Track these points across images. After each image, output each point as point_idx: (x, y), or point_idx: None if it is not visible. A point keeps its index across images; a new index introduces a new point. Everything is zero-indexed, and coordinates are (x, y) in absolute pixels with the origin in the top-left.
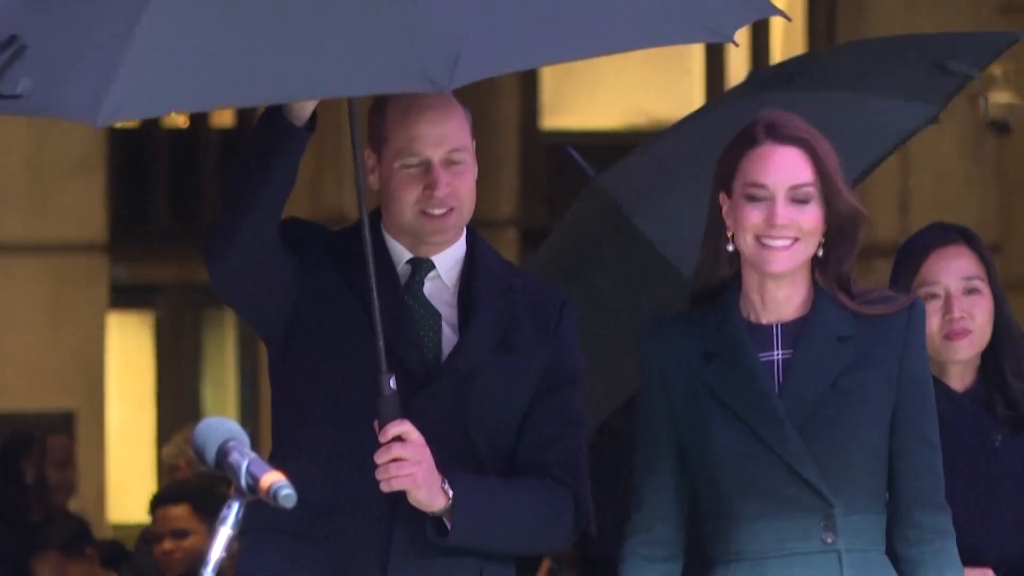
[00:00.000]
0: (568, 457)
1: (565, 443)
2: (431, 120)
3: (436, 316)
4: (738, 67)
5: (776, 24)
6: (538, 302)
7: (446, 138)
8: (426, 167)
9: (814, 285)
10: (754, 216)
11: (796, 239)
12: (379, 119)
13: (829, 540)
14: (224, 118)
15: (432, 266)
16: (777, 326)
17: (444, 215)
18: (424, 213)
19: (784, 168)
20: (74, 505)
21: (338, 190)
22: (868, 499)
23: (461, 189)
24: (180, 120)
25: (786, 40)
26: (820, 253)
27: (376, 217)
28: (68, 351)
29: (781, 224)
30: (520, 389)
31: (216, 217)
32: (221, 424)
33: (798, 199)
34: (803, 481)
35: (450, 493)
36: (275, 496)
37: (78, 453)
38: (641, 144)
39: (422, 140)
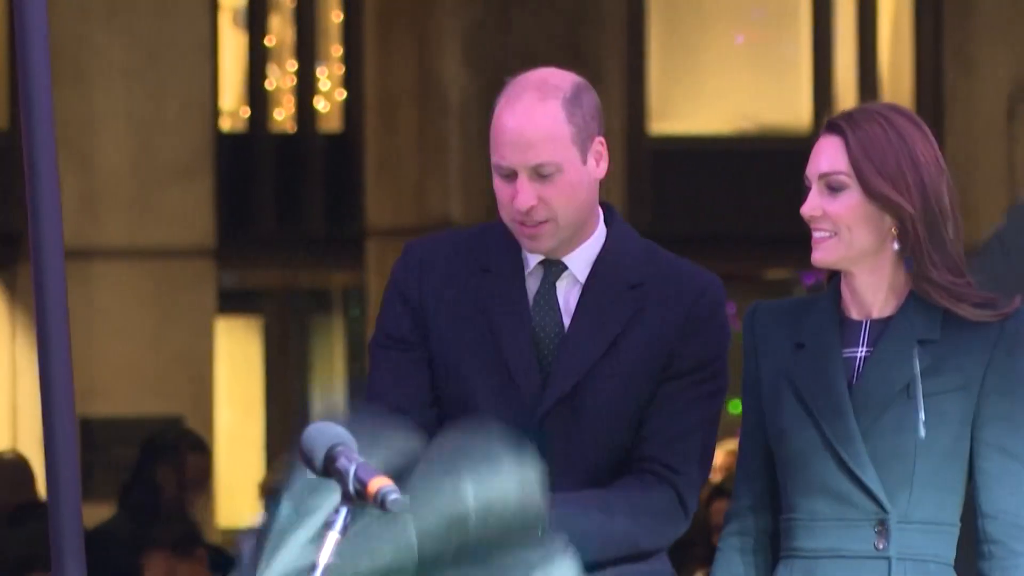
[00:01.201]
0: (674, 448)
1: (672, 432)
2: (517, 128)
3: (559, 327)
4: (846, 72)
5: (883, 26)
6: (672, 291)
7: (530, 150)
8: (512, 176)
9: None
10: (803, 206)
11: (834, 232)
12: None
13: (880, 546)
14: (331, 123)
15: (565, 267)
16: (866, 322)
17: (536, 226)
18: (517, 222)
19: (818, 156)
20: None
21: (444, 196)
22: (932, 509)
23: (554, 200)
24: (287, 124)
25: (893, 44)
26: (895, 246)
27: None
28: (174, 356)
29: (809, 214)
30: (631, 391)
31: None
32: (329, 429)
33: (831, 187)
34: (859, 483)
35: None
36: (383, 501)
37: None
38: None
39: (507, 148)
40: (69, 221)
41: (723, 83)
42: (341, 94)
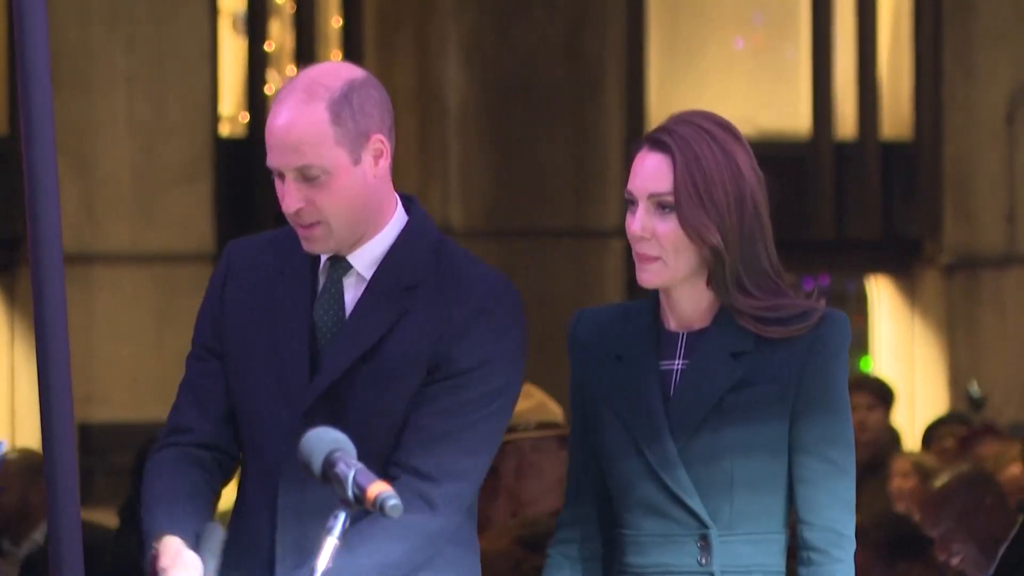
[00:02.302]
0: (427, 452)
1: (425, 437)
2: (281, 130)
3: (341, 326)
4: (846, 77)
5: (883, 31)
6: (444, 294)
7: (293, 153)
8: (283, 177)
9: None
10: (627, 224)
11: (660, 255)
12: None
13: (704, 561)
14: None
15: (350, 265)
16: (683, 334)
17: (308, 228)
18: (292, 223)
19: (645, 174)
20: None
21: (443, 201)
22: (755, 519)
23: (323, 203)
24: None
25: (893, 48)
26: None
27: None
28: (174, 361)
29: (640, 234)
30: (393, 394)
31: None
32: (327, 434)
33: (662, 206)
34: (679, 501)
35: None
36: (381, 506)
37: None
38: None
39: (273, 151)
40: (69, 225)
41: (723, 88)
42: None
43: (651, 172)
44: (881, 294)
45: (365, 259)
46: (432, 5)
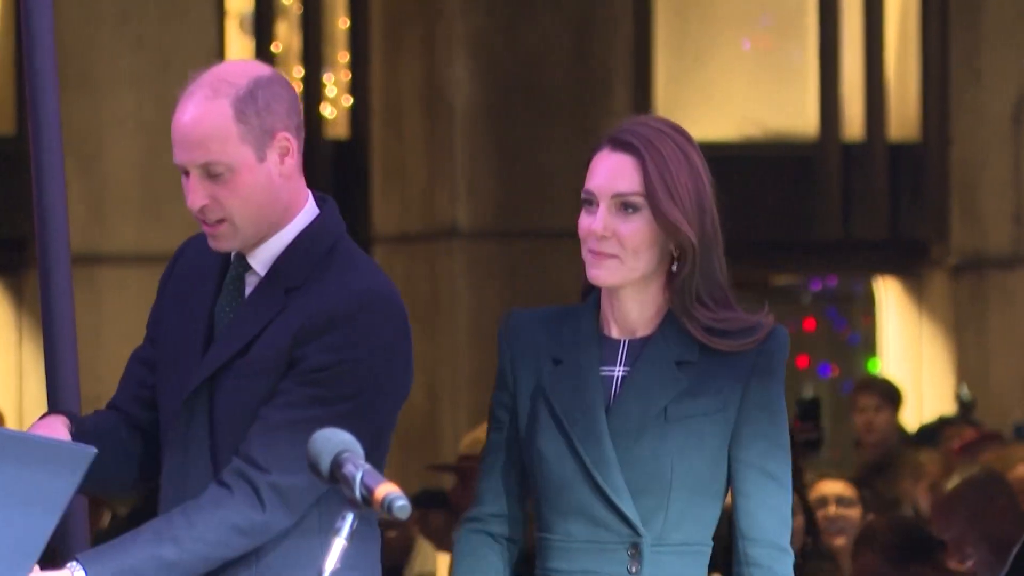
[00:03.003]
0: (262, 443)
1: (264, 428)
2: (185, 127)
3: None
4: (853, 79)
5: (890, 33)
6: (314, 296)
7: (196, 149)
8: (188, 174)
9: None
10: (584, 223)
11: (618, 254)
12: None
13: (633, 570)
14: (338, 129)
15: (248, 265)
16: (624, 341)
17: (213, 225)
18: (198, 220)
19: (610, 174)
20: None
21: (451, 202)
22: (687, 531)
23: (227, 200)
24: None
25: (900, 50)
26: (674, 269)
27: None
28: None
29: (600, 234)
30: (259, 390)
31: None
32: (335, 435)
33: (626, 205)
34: (615, 509)
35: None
36: (389, 507)
37: None
38: None
39: (177, 146)
40: (76, 227)
41: (730, 89)
42: (348, 100)
43: (615, 172)
44: (888, 295)
45: (262, 257)
46: (439, 6)
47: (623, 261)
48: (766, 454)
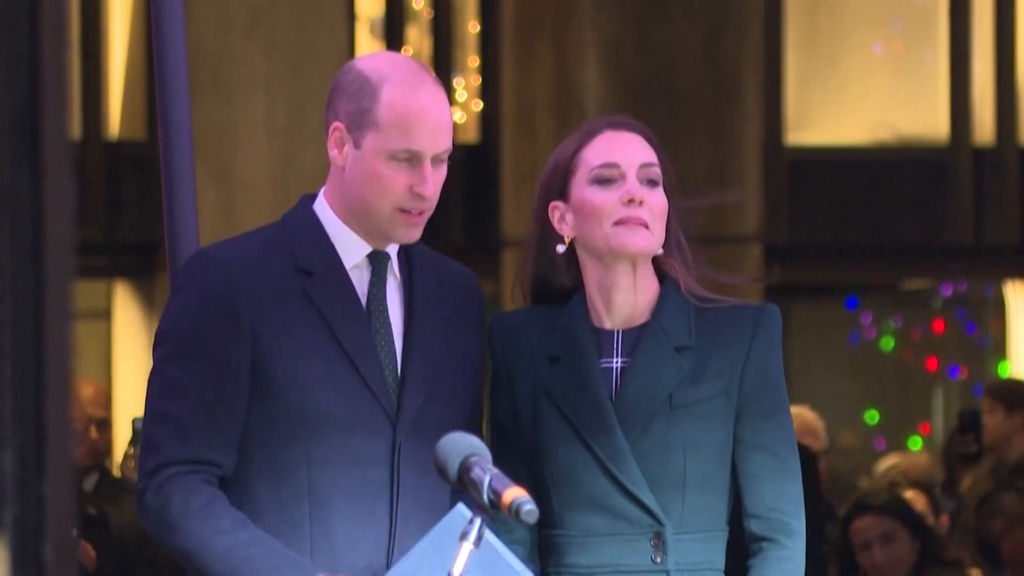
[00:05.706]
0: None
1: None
2: (433, 113)
3: (388, 324)
4: (984, 82)
5: (1021, 35)
6: (460, 286)
7: (442, 135)
8: (416, 161)
9: (660, 291)
10: (609, 196)
11: (648, 223)
12: (368, 94)
13: (658, 560)
14: (468, 134)
15: (388, 258)
16: (618, 332)
17: (420, 215)
18: (402, 210)
19: (629, 147)
20: None
21: None
22: (704, 518)
23: (438, 191)
24: None
25: None
26: (661, 251)
27: (309, 199)
28: None
29: (640, 197)
30: (469, 391)
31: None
32: (463, 439)
33: (649, 179)
34: (632, 497)
35: None
36: (517, 511)
37: None
38: None
39: (420, 133)
40: (207, 231)
41: (861, 93)
42: (478, 105)
43: (634, 145)
44: (1019, 299)
45: (395, 251)
46: (570, 10)
47: (652, 231)
48: (765, 430)
